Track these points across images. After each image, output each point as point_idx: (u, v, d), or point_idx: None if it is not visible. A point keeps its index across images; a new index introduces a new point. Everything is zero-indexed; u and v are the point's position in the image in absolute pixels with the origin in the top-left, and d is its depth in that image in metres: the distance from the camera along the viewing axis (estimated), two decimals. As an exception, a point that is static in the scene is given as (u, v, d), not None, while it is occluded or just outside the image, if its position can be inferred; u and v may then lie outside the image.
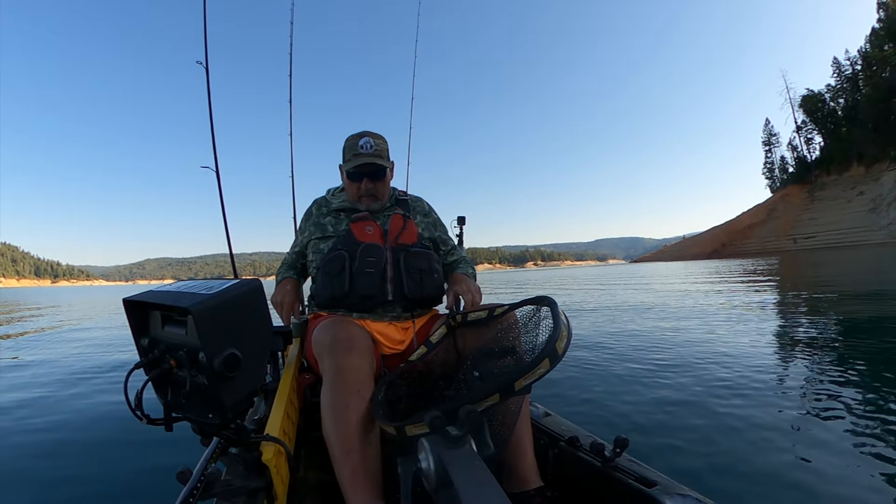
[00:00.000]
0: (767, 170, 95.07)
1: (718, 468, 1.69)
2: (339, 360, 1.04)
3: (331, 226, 1.48)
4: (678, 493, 0.87)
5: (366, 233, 1.40)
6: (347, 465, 0.94)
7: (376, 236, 1.40)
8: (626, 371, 3.20)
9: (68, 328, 8.20)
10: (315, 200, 1.60)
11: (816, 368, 3.02)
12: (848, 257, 25.67)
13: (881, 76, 67.74)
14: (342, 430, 0.97)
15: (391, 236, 1.41)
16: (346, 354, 1.05)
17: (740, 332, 4.47)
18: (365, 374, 1.05)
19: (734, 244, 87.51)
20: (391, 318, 1.38)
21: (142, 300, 0.82)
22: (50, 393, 3.18)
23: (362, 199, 1.47)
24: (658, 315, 6.24)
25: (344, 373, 1.02)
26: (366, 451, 0.96)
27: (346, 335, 1.10)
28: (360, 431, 0.97)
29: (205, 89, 2.42)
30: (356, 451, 0.95)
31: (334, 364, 1.04)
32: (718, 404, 2.36)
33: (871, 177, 67.70)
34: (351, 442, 0.95)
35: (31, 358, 4.85)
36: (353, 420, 0.97)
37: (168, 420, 0.81)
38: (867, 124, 68.24)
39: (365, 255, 1.33)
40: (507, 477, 1.10)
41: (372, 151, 1.43)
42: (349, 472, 0.94)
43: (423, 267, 1.37)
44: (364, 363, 1.06)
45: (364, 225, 1.42)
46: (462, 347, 1.25)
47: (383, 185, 1.48)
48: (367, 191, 1.45)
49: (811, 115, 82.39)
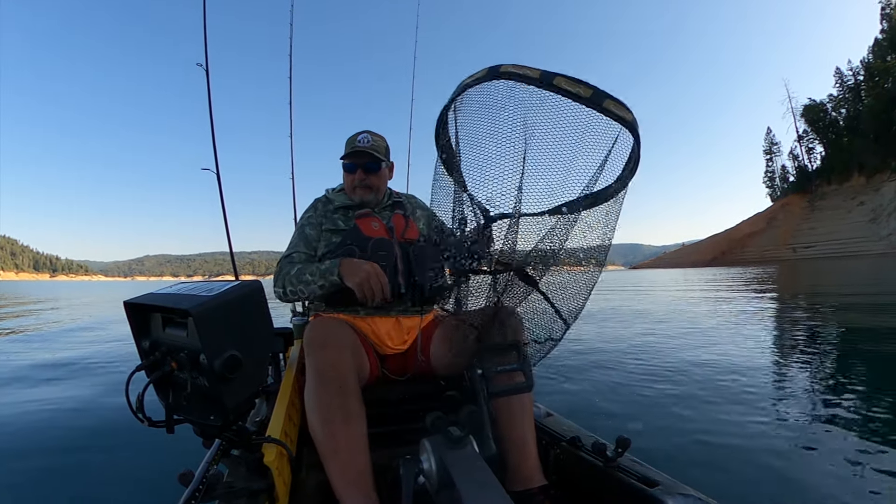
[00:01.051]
0: (768, 178, 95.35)
1: (720, 468, 1.70)
2: (316, 358, 1.03)
3: (341, 221, 1.50)
4: (680, 492, 0.86)
5: (372, 228, 1.43)
6: (335, 464, 0.93)
7: (381, 231, 1.43)
8: (627, 373, 3.22)
9: (68, 326, 8.19)
10: (316, 199, 1.62)
11: (815, 374, 3.04)
12: (847, 267, 25.71)
13: (883, 87, 67.96)
14: (326, 429, 0.95)
15: (397, 232, 1.44)
16: (320, 351, 1.04)
17: (740, 338, 4.48)
18: (345, 367, 1.03)
19: (733, 252, 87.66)
20: (398, 312, 1.38)
21: (142, 303, 0.82)
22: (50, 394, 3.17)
23: (356, 190, 1.50)
24: (659, 320, 6.25)
25: (321, 370, 1.01)
26: (352, 450, 0.94)
27: (322, 332, 1.09)
28: (346, 427, 0.95)
29: (205, 91, 2.41)
30: (343, 449, 0.93)
31: (311, 363, 1.03)
32: (719, 407, 2.38)
33: (872, 187, 67.84)
34: (337, 440, 0.94)
35: (31, 357, 4.84)
36: (337, 418, 0.96)
37: (169, 422, 0.80)
38: (868, 135, 68.42)
39: (376, 248, 1.36)
40: (510, 476, 1.09)
41: (368, 146, 1.48)
42: (338, 471, 0.93)
43: (434, 258, 1.38)
44: (342, 357, 1.04)
45: (370, 221, 1.45)
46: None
47: (378, 178, 1.51)
48: (360, 182, 1.49)
49: (813, 124, 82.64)
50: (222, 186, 2.41)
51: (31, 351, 5.15)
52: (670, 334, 5.03)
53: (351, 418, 0.97)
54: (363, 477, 0.93)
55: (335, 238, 1.46)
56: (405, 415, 1.27)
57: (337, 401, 0.97)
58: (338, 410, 0.96)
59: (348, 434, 0.95)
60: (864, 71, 73.55)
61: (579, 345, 4.42)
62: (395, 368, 1.40)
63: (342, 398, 0.98)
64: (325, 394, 0.98)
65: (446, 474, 0.69)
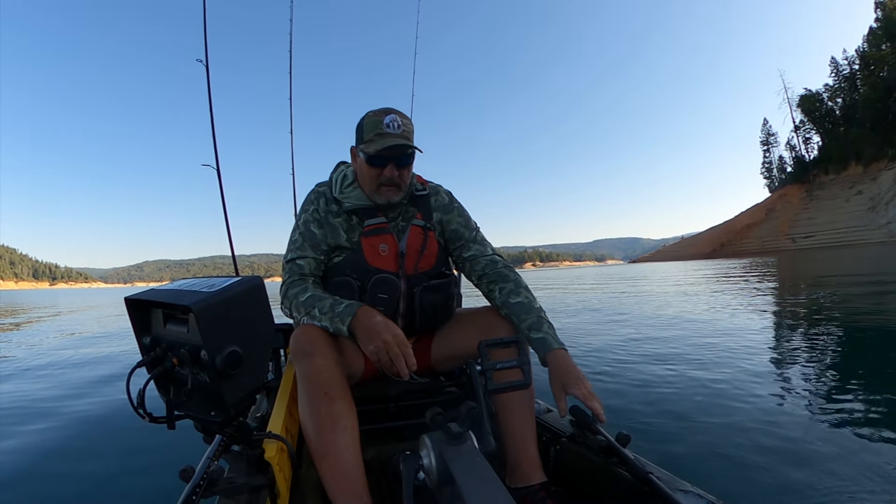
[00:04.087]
0: (766, 169, 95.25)
1: (720, 463, 1.70)
2: (302, 365, 1.03)
3: (343, 231, 1.23)
4: (680, 488, 0.87)
5: (379, 253, 1.20)
6: (325, 468, 0.95)
7: (390, 260, 1.21)
8: (627, 369, 3.21)
9: (67, 324, 8.19)
10: (318, 191, 1.30)
11: (816, 368, 3.03)
12: (847, 256, 25.73)
13: (879, 76, 67.95)
14: (315, 433, 0.97)
15: (408, 262, 1.22)
16: (308, 358, 1.03)
17: (741, 331, 4.47)
18: (330, 373, 1.02)
19: (733, 244, 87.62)
20: None
21: (144, 298, 0.82)
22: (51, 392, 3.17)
23: (382, 189, 1.20)
24: (659, 314, 6.25)
25: (309, 378, 1.01)
26: (341, 453, 0.95)
27: (307, 340, 1.07)
28: (333, 434, 0.96)
29: (205, 87, 2.40)
30: (331, 454, 0.94)
31: (300, 371, 1.04)
32: (720, 402, 2.37)
33: (869, 176, 67.86)
34: (325, 445, 0.95)
35: (31, 358, 4.84)
36: (325, 423, 0.97)
37: (170, 418, 0.81)
38: (865, 124, 68.43)
39: (376, 289, 1.18)
40: (510, 472, 1.10)
41: (400, 132, 1.15)
42: (328, 474, 0.94)
43: (439, 302, 1.27)
44: (328, 363, 1.03)
45: (378, 242, 1.20)
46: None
47: (409, 172, 1.23)
48: (389, 179, 1.18)
49: (809, 114, 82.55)
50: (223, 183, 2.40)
51: (29, 350, 5.15)
52: (668, 326, 5.04)
53: (337, 424, 0.97)
54: (353, 479, 0.94)
55: (336, 257, 1.23)
56: (405, 411, 1.28)
57: (324, 408, 0.98)
58: (325, 417, 0.97)
59: (335, 439, 0.95)
60: (860, 60, 73.49)
61: (584, 341, 4.42)
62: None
63: (328, 405, 0.98)
64: (313, 400, 0.99)
65: (446, 470, 0.69)
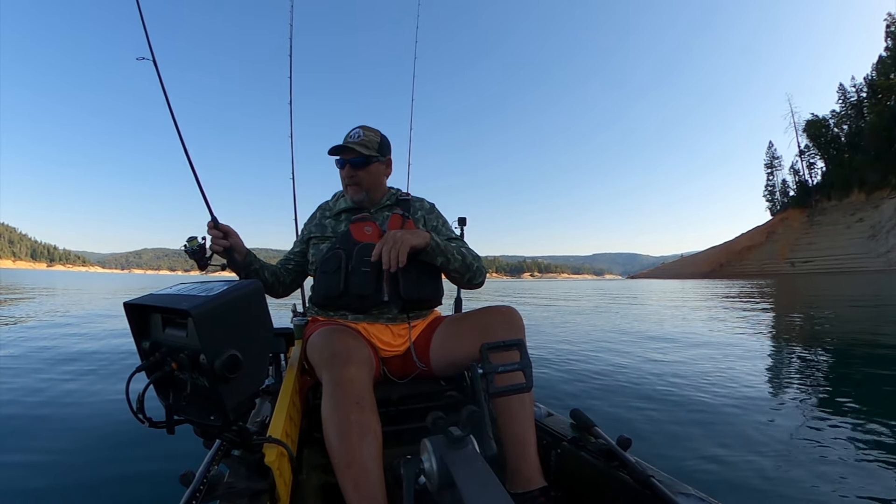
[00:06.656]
0: (768, 192, 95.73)
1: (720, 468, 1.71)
2: (337, 373, 1.04)
3: (330, 227, 1.51)
4: (681, 491, 0.86)
5: (364, 233, 1.42)
6: (350, 476, 0.94)
7: (374, 236, 1.41)
8: (628, 375, 3.25)
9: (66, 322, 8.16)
10: (320, 205, 1.63)
11: (811, 381, 3.06)
12: (845, 283, 25.78)
13: (886, 104, 68.38)
14: (343, 442, 0.97)
15: None
16: (343, 367, 1.04)
17: (740, 345, 4.47)
18: (363, 384, 1.04)
19: (732, 265, 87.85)
20: (387, 321, 1.38)
21: (142, 303, 0.82)
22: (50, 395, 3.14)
23: (348, 189, 1.48)
24: (658, 326, 6.25)
25: (342, 386, 1.02)
26: (367, 462, 0.95)
27: (343, 346, 1.09)
28: (361, 443, 0.97)
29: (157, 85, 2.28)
30: (357, 463, 0.95)
31: (332, 377, 1.04)
32: (719, 410, 2.42)
33: (871, 204, 68.13)
34: (352, 454, 0.95)
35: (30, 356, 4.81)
36: (354, 432, 0.97)
37: (170, 423, 0.80)
38: (870, 151, 68.78)
39: (361, 254, 1.34)
40: (510, 477, 1.09)
41: (357, 140, 1.43)
42: (352, 483, 0.94)
43: (421, 267, 1.34)
44: (362, 374, 1.06)
45: (363, 225, 1.44)
46: None
47: (367, 174, 1.46)
48: (349, 178, 1.45)
49: (814, 139, 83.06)
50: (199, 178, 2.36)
51: (29, 348, 5.13)
52: (672, 339, 5.03)
53: (367, 434, 0.98)
54: (376, 490, 0.95)
55: (322, 245, 1.47)
56: (406, 414, 1.28)
57: (354, 416, 0.98)
58: (355, 426, 0.98)
59: (363, 449, 0.96)
60: (868, 88, 73.99)
61: (583, 348, 4.42)
62: (395, 370, 1.41)
63: (359, 414, 0.99)
64: (342, 408, 1.00)
65: (447, 474, 0.69)
